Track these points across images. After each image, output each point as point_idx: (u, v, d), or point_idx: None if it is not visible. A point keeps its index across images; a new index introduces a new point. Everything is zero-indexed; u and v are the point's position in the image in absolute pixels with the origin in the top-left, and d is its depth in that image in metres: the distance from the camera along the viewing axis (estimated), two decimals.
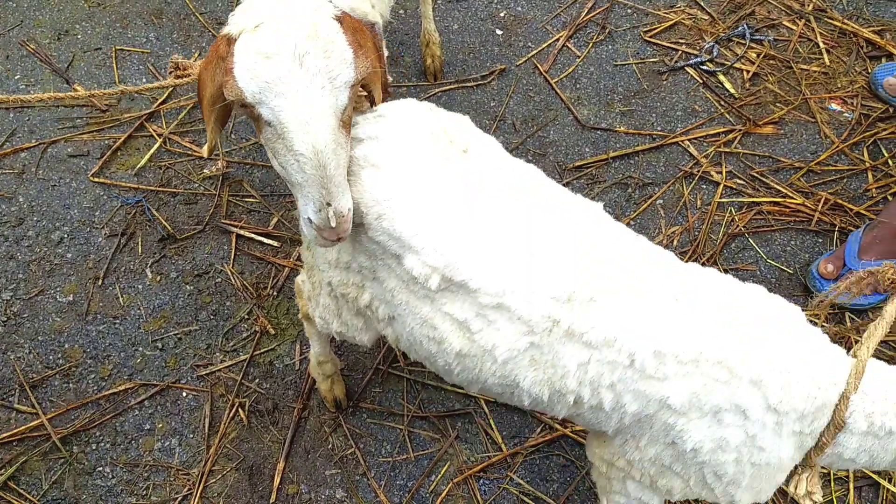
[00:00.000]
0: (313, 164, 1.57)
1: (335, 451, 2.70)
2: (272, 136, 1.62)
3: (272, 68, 1.54)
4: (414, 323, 1.76)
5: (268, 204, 3.23)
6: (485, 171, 1.75)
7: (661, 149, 3.48)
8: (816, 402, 1.62)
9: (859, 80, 3.70)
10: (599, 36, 3.85)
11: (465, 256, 1.63)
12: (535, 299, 1.63)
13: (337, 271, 1.87)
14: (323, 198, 1.59)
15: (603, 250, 1.71)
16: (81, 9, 3.79)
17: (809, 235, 3.24)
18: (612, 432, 1.80)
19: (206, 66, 1.70)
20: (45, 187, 3.22)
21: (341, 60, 1.59)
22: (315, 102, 1.56)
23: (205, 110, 1.75)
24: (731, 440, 1.64)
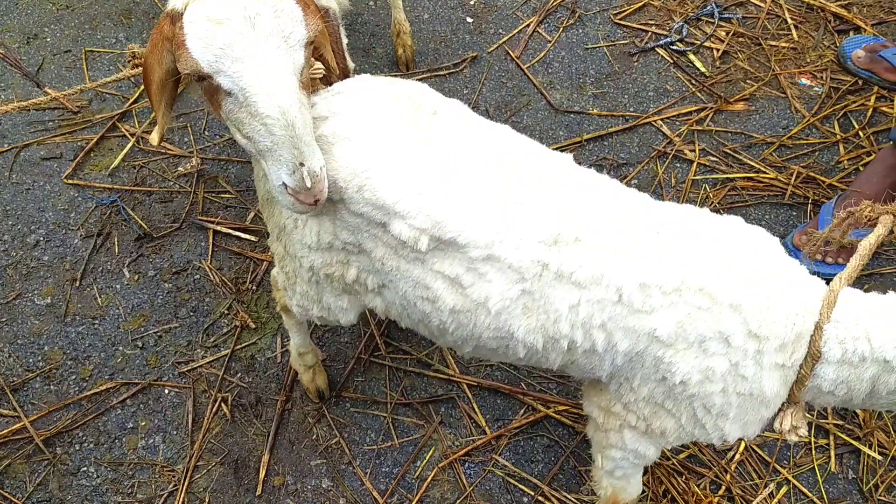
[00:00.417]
0: (281, 124, 1.56)
1: (320, 442, 2.71)
2: (234, 107, 1.61)
3: (225, 34, 1.53)
4: (406, 286, 1.79)
5: (244, 199, 3.23)
6: (457, 130, 1.77)
7: (634, 129, 3.50)
8: (795, 329, 1.65)
9: (828, 54, 3.73)
10: (569, 20, 3.86)
11: (451, 214, 1.66)
12: (523, 245, 1.66)
13: (319, 253, 1.87)
14: (295, 158, 1.58)
15: (583, 193, 1.74)
16: (49, 12, 3.77)
17: (783, 209, 3.27)
18: (606, 378, 1.84)
19: (151, 50, 1.68)
20: (18, 191, 3.20)
21: (292, 19, 1.59)
22: (274, 62, 1.56)
23: (154, 95, 1.74)
24: (716, 369, 1.68)
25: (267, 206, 2.03)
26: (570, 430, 2.74)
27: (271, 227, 2.06)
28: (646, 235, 1.70)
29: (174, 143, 3.36)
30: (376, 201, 1.68)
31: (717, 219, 1.79)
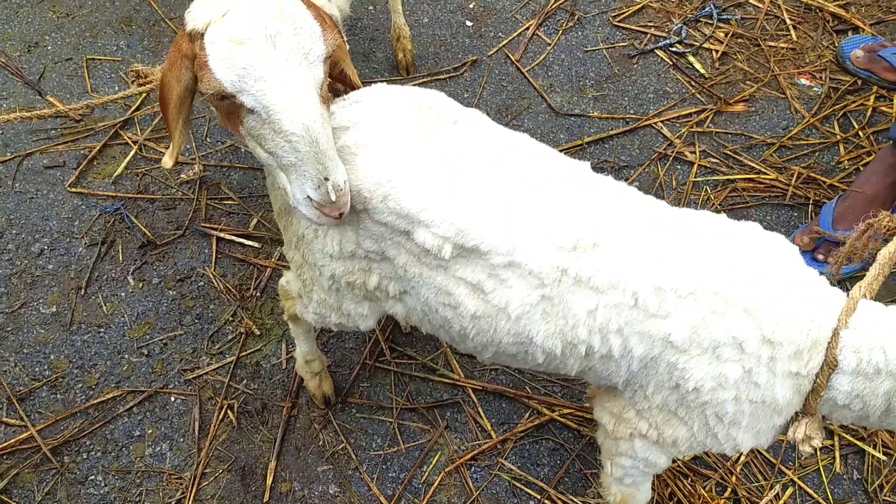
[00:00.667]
0: (306, 140, 1.57)
1: (326, 448, 2.72)
2: (256, 124, 1.62)
3: (248, 53, 1.55)
4: (428, 293, 1.81)
5: (246, 205, 3.24)
6: (478, 139, 1.79)
7: (634, 132, 3.51)
8: (811, 336, 1.65)
9: (827, 54, 3.75)
10: (568, 23, 3.87)
11: (474, 222, 1.68)
12: (543, 252, 1.68)
13: (340, 262, 1.89)
14: (320, 173, 1.60)
15: (601, 200, 1.76)
16: (50, 20, 3.77)
17: (784, 210, 3.28)
18: (621, 384, 1.86)
19: (169, 68, 1.69)
20: (22, 200, 3.21)
21: (311, 35, 1.61)
22: (296, 80, 1.57)
23: (171, 114, 1.74)
24: (729, 376, 1.68)
25: (284, 215, 2.04)
26: (576, 434, 2.75)
27: (288, 237, 2.07)
28: (662, 240, 1.71)
29: None
30: (401, 210, 1.70)
31: (735, 225, 1.80)
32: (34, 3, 3.83)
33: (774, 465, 2.66)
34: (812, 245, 2.99)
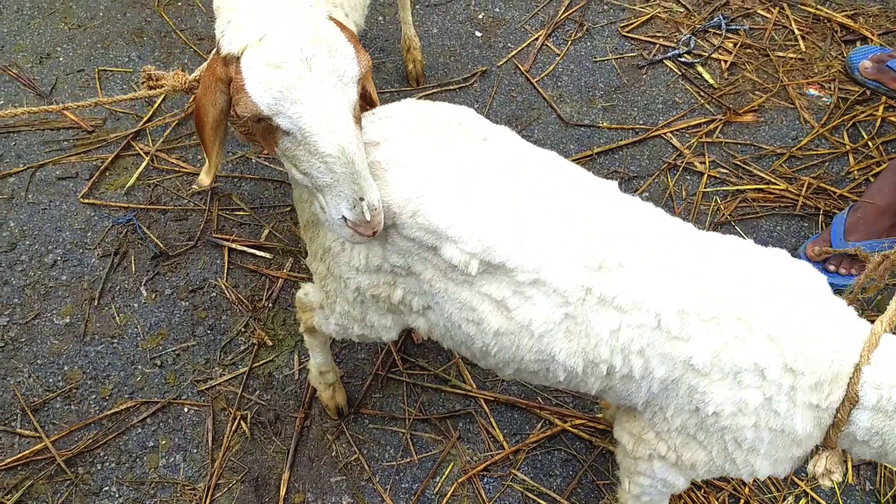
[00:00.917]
0: (342, 161, 1.59)
1: (339, 458, 2.73)
2: (291, 145, 1.64)
3: (284, 77, 1.56)
4: (453, 308, 1.82)
5: (258, 216, 3.25)
6: (506, 156, 1.80)
7: (644, 142, 3.52)
8: (833, 369, 1.64)
9: (835, 64, 3.76)
10: (577, 33, 3.89)
11: (501, 239, 1.70)
12: (568, 270, 1.69)
13: (366, 275, 1.90)
14: (355, 193, 1.62)
15: (628, 221, 1.77)
16: (62, 31, 3.79)
17: (795, 220, 3.29)
18: (641, 405, 1.86)
19: (204, 92, 1.71)
20: (35, 211, 3.22)
21: (345, 57, 1.63)
22: (331, 102, 1.59)
23: (207, 136, 1.76)
24: (749, 402, 1.68)
25: (310, 227, 2.05)
26: (588, 444, 2.75)
27: (314, 248, 2.08)
28: (688, 263, 1.72)
29: (188, 160, 3.39)
30: (429, 226, 1.71)
31: (762, 251, 1.80)
32: (46, 14, 3.85)
33: (787, 477, 2.66)
34: (823, 256, 2.99)
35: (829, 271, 2.99)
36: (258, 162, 3.39)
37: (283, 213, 3.26)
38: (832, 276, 2.98)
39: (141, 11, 3.88)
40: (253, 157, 3.39)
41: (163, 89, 1.89)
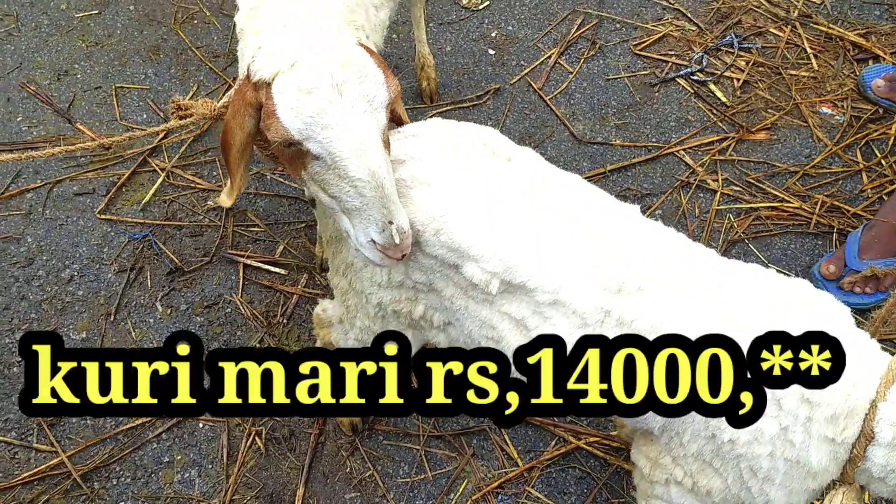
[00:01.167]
0: (372, 186, 1.61)
1: (353, 475, 2.73)
2: (321, 169, 1.65)
3: (315, 102, 1.58)
4: (473, 326, 1.83)
5: (273, 232, 3.27)
6: (530, 177, 1.81)
7: (656, 160, 3.54)
8: (849, 402, 1.63)
9: (848, 83, 3.77)
10: (590, 51, 3.91)
11: (523, 259, 1.71)
12: (588, 292, 1.70)
13: (388, 291, 1.92)
14: (385, 217, 1.63)
15: (650, 245, 1.77)
16: (80, 49, 3.84)
17: (808, 238, 3.29)
18: (658, 429, 1.85)
19: (233, 115, 1.73)
20: (52, 226, 3.25)
21: (375, 82, 1.65)
22: (362, 127, 1.61)
23: (233, 158, 1.78)
24: (765, 431, 1.67)
25: (334, 242, 2.06)
26: (602, 462, 2.75)
27: (336, 263, 2.09)
28: (709, 289, 1.71)
29: (203, 177, 3.42)
30: (452, 244, 1.73)
31: (784, 280, 1.79)
32: (64, 31, 3.90)
33: None
34: (838, 274, 2.99)
35: (844, 290, 2.99)
36: (273, 179, 3.41)
37: (298, 230, 3.28)
38: (847, 295, 2.98)
39: (157, 29, 3.92)
40: (268, 174, 3.41)
41: (192, 118, 1.91)
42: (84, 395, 1.81)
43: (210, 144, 3.51)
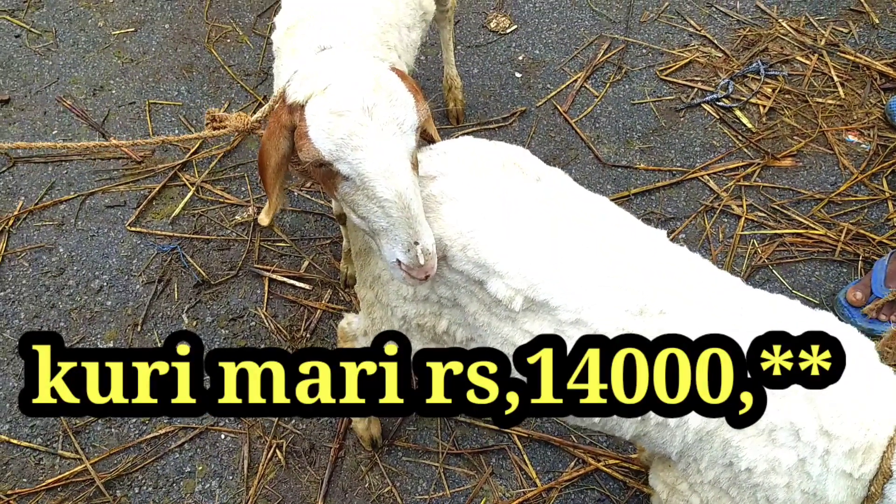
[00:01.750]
0: (398, 206, 1.64)
1: (372, 490, 2.74)
2: (350, 190, 1.69)
3: (346, 125, 1.63)
4: (495, 343, 1.85)
5: (298, 248, 3.31)
6: (558, 198, 1.83)
7: (681, 184, 3.55)
8: (867, 438, 1.61)
9: (874, 111, 3.77)
10: (616, 76, 3.94)
11: (547, 277, 1.72)
12: (610, 313, 1.71)
13: (413, 304, 1.94)
14: (410, 237, 1.66)
15: (674, 270, 1.78)
16: (115, 65, 3.93)
17: (833, 265, 3.28)
18: (675, 455, 1.85)
19: (269, 137, 1.78)
20: (84, 237, 3.32)
21: (405, 106, 1.69)
22: (391, 149, 1.65)
23: (270, 178, 1.82)
24: (783, 461, 1.67)
25: (362, 255, 2.09)
26: (622, 485, 2.74)
27: (364, 276, 2.12)
28: (730, 316, 1.72)
29: (231, 192, 3.47)
30: (478, 260, 1.75)
31: (808, 312, 1.78)
32: (100, 48, 3.99)
33: None
34: (864, 301, 2.98)
35: (871, 318, 2.97)
36: (300, 195, 3.46)
37: (323, 246, 3.32)
38: (872, 323, 2.96)
39: (191, 48, 4.01)
40: (295, 191, 3.46)
41: (226, 130, 1.95)
42: (84, 395, 1.84)
43: (239, 160, 3.57)
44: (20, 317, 3.09)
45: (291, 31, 2.17)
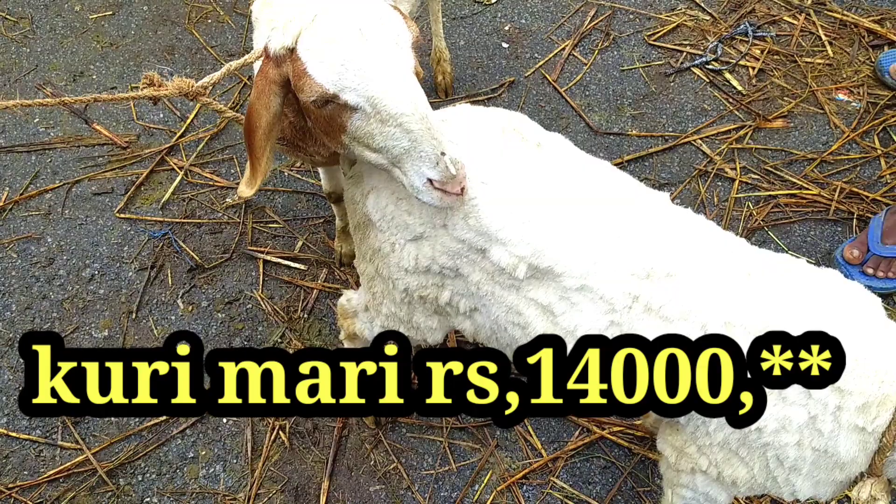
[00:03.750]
0: (416, 117, 1.58)
1: (378, 467, 2.73)
2: (362, 122, 1.64)
3: (343, 49, 1.58)
4: (499, 311, 1.83)
5: (291, 228, 3.27)
6: (560, 163, 1.80)
7: (674, 149, 3.53)
8: (882, 390, 1.60)
9: (864, 69, 3.76)
10: (604, 43, 3.91)
11: (550, 243, 1.70)
12: (616, 277, 1.69)
13: (415, 276, 1.91)
14: (435, 149, 1.60)
15: (679, 231, 1.76)
16: (95, 50, 3.85)
17: (828, 224, 3.28)
18: (684, 419, 1.84)
19: (257, 97, 1.72)
20: (72, 226, 3.27)
21: (395, 22, 1.65)
22: (394, 63, 1.60)
23: (258, 141, 1.75)
24: (793, 419, 1.66)
25: (360, 228, 2.06)
26: (627, 451, 2.74)
27: (363, 250, 2.08)
28: (736, 276, 1.70)
29: (221, 174, 3.42)
30: (480, 228, 1.72)
31: (814, 270, 1.78)
32: (79, 33, 3.91)
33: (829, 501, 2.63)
34: (861, 259, 2.98)
35: (868, 275, 2.97)
36: (291, 175, 3.41)
37: (317, 225, 3.28)
38: (870, 280, 2.96)
39: (172, 29, 3.94)
40: (286, 171, 3.42)
41: (167, 91, 1.86)
42: (84, 395, 1.83)
43: (227, 143, 3.52)
44: (11, 309, 3.04)
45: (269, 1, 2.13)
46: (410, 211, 1.83)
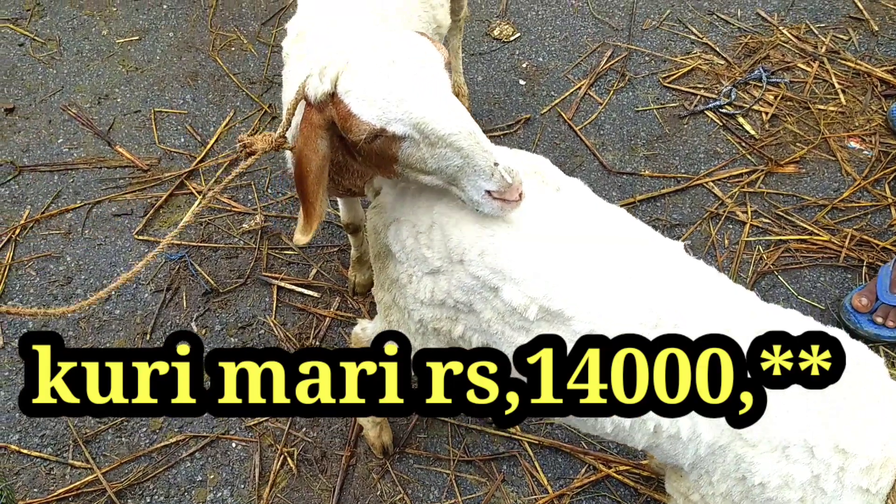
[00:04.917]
0: (465, 134, 1.61)
1: (384, 498, 2.75)
2: (412, 149, 1.67)
3: (380, 84, 1.62)
4: (509, 352, 1.84)
5: (306, 256, 3.32)
6: (577, 208, 1.84)
7: (686, 191, 3.57)
8: (885, 452, 1.63)
9: (876, 118, 3.80)
10: (619, 83, 3.97)
11: (562, 286, 1.72)
12: (625, 325, 1.71)
13: (430, 308, 1.94)
14: (488, 160, 1.63)
15: (690, 282, 1.79)
16: (120, 73, 3.93)
17: (838, 271, 3.30)
18: (688, 467, 1.85)
19: (305, 143, 1.77)
20: (91, 246, 3.31)
21: (425, 48, 1.69)
22: (431, 86, 1.64)
23: (310, 185, 1.81)
24: (796, 477, 1.67)
25: (380, 258, 2.09)
26: (633, 492, 2.75)
27: (381, 279, 2.12)
28: (743, 333, 1.72)
29: (238, 200, 3.48)
30: (495, 266, 1.75)
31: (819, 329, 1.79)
32: (105, 57, 3.99)
33: None
34: (870, 307, 3.00)
35: (877, 323, 2.99)
36: None
37: (331, 254, 3.32)
38: (879, 329, 2.98)
39: (196, 56, 4.01)
40: None
41: (257, 154, 1.92)
42: (84, 395, 1.84)
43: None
44: (28, 326, 3.08)
45: (301, 37, 2.18)
46: (429, 245, 1.86)
